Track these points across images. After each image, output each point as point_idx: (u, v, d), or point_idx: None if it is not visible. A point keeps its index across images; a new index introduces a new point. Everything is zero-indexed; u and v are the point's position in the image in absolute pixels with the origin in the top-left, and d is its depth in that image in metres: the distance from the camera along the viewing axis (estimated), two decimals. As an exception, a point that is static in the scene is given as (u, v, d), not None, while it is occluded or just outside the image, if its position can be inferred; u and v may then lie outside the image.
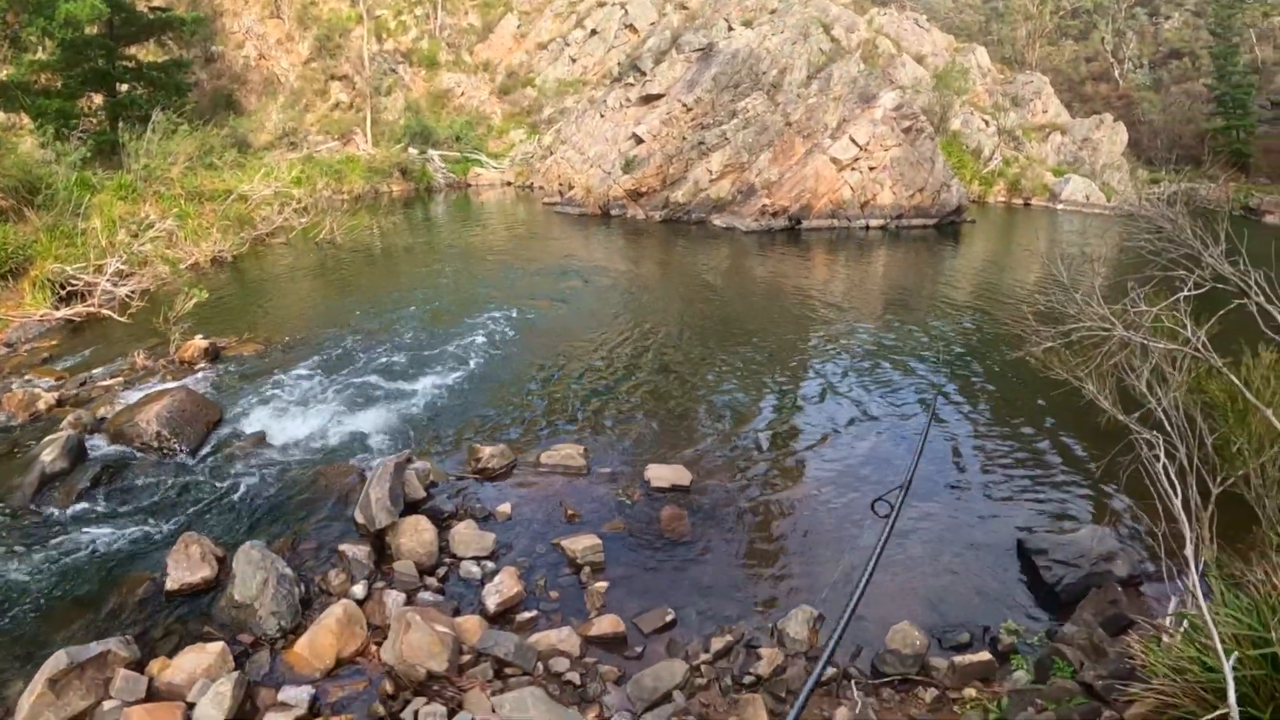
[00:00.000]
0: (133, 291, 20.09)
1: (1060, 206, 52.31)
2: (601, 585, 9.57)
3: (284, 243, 27.82)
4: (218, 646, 7.80)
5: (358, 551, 9.65)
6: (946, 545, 11.01)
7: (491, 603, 9.00)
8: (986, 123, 55.71)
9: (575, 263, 28.65)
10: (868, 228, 39.12)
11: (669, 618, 9.02)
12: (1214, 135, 65.34)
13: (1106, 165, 56.58)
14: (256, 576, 8.66)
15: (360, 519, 10.04)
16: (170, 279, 21.59)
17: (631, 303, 23.04)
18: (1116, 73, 77.77)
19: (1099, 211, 50.91)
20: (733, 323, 21.39)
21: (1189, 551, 8.51)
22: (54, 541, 9.94)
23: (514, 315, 20.59)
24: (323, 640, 8.10)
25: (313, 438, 13.23)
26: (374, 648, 8.25)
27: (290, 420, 13.77)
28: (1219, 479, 8.22)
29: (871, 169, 39.38)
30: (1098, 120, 59.41)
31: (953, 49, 63.74)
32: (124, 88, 35.07)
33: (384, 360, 16.84)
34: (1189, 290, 8.64)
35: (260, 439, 13.00)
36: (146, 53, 39.83)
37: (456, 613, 8.93)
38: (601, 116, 45.57)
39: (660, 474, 12.06)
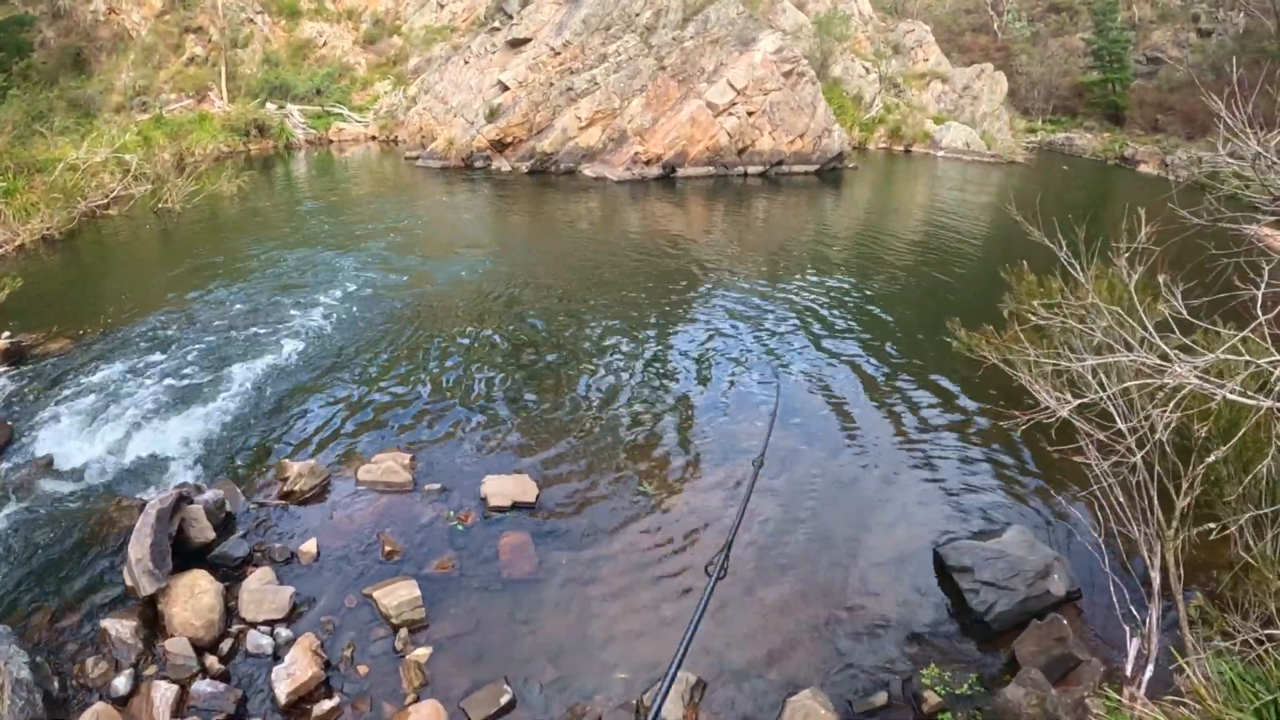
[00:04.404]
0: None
1: (941, 154, 52.33)
2: (422, 654, 7.56)
3: (123, 214, 24.77)
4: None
5: (122, 628, 7.52)
6: (846, 563, 9.32)
7: (282, 691, 6.98)
8: (868, 70, 55.06)
9: (426, 224, 26.46)
10: (745, 175, 38.06)
11: (505, 698, 7.07)
12: (1090, 88, 66.70)
13: (987, 114, 56.49)
14: (-9, 681, 6.45)
15: (129, 581, 7.88)
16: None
17: (483, 270, 20.86)
18: (996, 25, 77.89)
19: (979, 159, 51.15)
20: (597, 289, 19.39)
21: (1153, 605, 6.85)
22: None
23: (353, 289, 18.44)
24: (67, 768, 5.95)
25: (106, 460, 10.95)
26: (132, 773, 6.14)
27: (86, 437, 11.49)
28: (1183, 488, 6.50)
29: (750, 114, 38.03)
30: (979, 69, 59.48)
31: (834, -5, 62.43)
32: (-40, 50, 31.29)
33: (203, 352, 14.57)
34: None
35: (47, 464, 10.70)
36: (-16, 11, 35.90)
37: (241, 707, 6.96)
38: (466, 64, 42.88)
39: (500, 488, 10.07)
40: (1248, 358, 5.44)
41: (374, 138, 46.90)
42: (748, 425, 12.51)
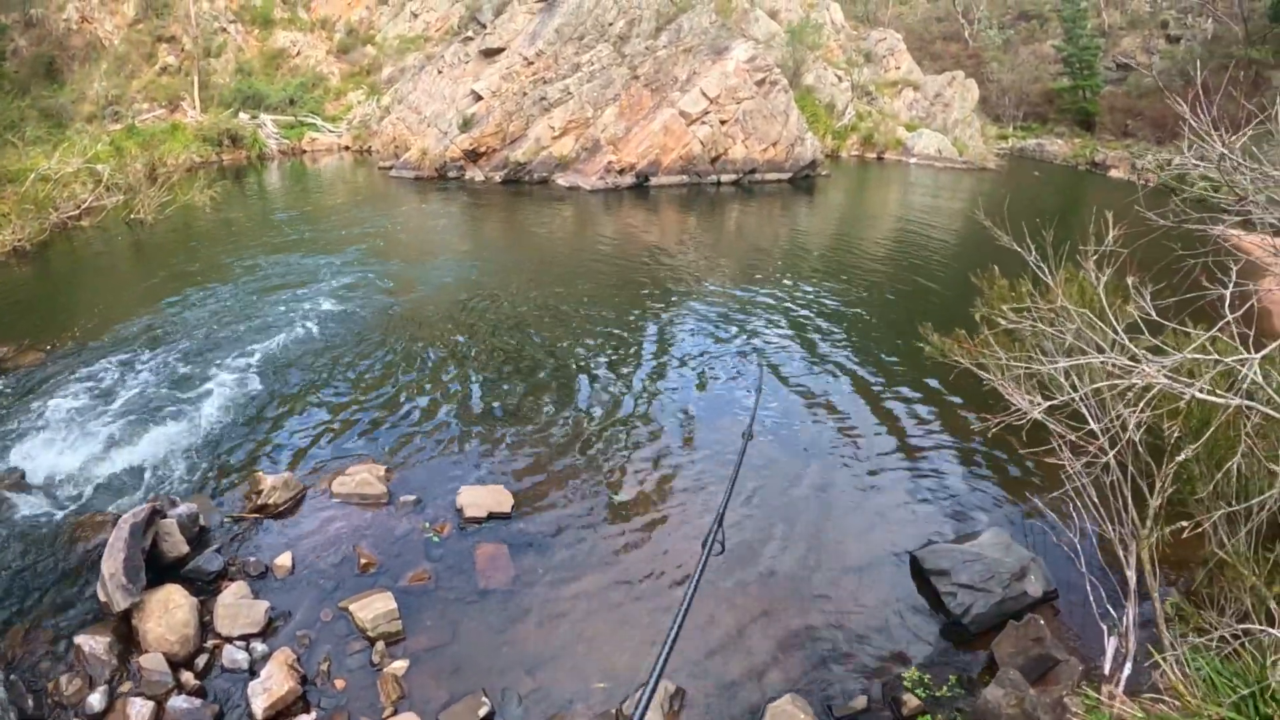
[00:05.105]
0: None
1: (913, 161, 52.63)
2: (399, 667, 7.50)
3: (95, 225, 24.46)
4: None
5: (96, 644, 7.39)
6: (824, 568, 9.29)
7: (259, 707, 6.89)
8: (840, 78, 55.18)
9: (400, 234, 26.23)
10: (719, 183, 38.11)
11: (484, 710, 7.02)
12: (1061, 94, 66.97)
13: (958, 121, 56.80)
14: (-40, 701, 6.36)
15: (102, 597, 7.75)
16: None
17: (458, 280, 20.80)
18: (967, 33, 78.33)
19: (951, 165, 51.47)
20: (572, 299, 19.30)
21: (1130, 603, 6.89)
22: None
23: (326, 300, 18.30)
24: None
25: (78, 474, 10.77)
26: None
27: (57, 450, 11.31)
28: (1157, 485, 6.53)
29: (723, 122, 38.05)
30: (950, 77, 59.75)
31: (807, 4, 62.64)
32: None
33: (176, 364, 14.40)
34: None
35: (18, 479, 10.50)
36: (-46, 20, 35.52)
37: (218, 722, 6.81)
38: (439, 73, 42.69)
39: (476, 499, 10.01)
40: (1216, 356, 5.48)
41: (347, 148, 46.55)
42: (723, 434, 12.52)
